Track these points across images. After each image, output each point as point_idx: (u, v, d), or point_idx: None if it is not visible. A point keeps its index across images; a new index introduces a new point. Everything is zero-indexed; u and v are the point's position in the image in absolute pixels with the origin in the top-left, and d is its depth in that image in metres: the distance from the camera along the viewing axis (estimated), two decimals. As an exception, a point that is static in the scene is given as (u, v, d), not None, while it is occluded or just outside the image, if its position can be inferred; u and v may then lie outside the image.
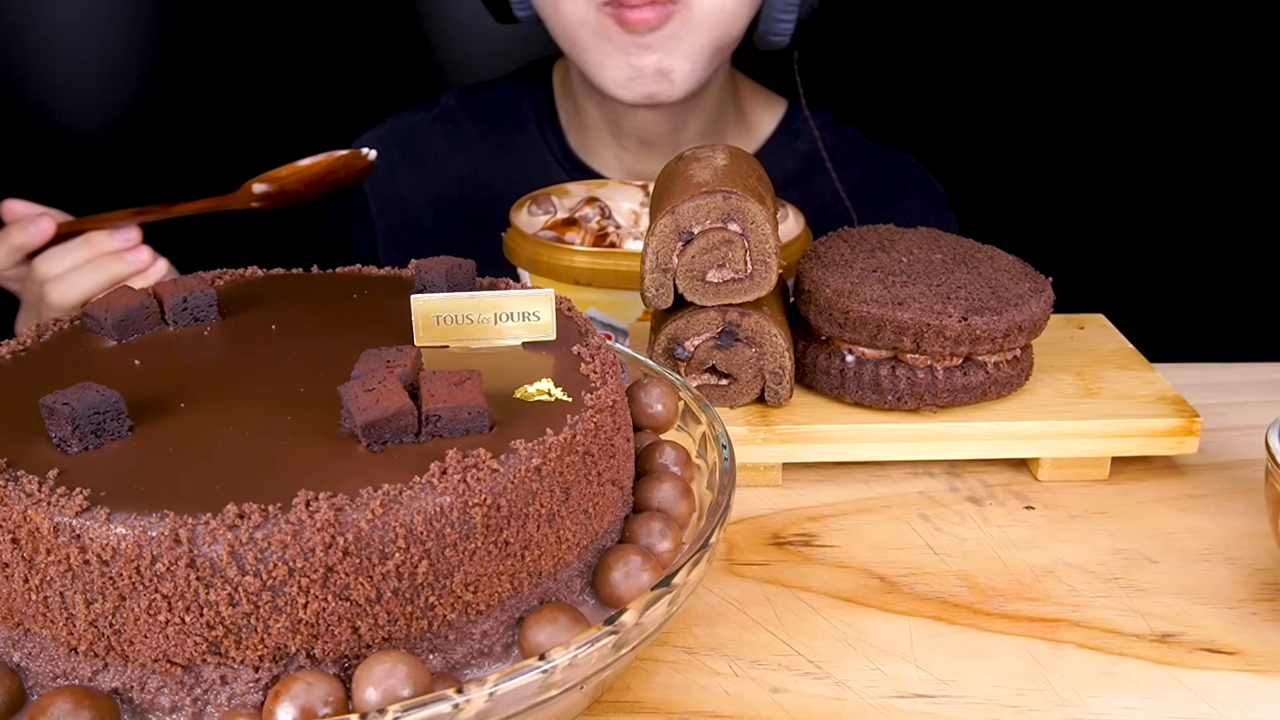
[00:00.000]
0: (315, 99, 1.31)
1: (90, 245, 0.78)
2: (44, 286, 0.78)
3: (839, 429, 0.59)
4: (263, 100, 1.31)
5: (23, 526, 0.35)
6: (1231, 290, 1.42)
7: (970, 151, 1.35)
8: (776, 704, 0.44)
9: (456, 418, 0.38)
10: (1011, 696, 0.45)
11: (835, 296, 0.59)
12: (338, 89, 1.31)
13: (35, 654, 0.36)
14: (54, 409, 0.37)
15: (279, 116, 1.30)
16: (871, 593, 0.51)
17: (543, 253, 0.72)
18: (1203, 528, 0.56)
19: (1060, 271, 0.63)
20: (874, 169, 1.02)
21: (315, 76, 1.31)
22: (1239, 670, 0.46)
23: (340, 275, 0.52)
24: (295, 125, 1.30)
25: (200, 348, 0.45)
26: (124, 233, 0.78)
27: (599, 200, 0.78)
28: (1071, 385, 0.63)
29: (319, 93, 1.31)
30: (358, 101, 1.28)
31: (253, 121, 1.30)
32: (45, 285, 0.78)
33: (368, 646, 0.36)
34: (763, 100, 1.04)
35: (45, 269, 0.78)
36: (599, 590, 0.41)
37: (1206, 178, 1.38)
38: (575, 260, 0.71)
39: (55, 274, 0.77)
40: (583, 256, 0.71)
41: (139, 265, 0.78)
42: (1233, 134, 1.36)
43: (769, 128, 1.02)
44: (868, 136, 1.05)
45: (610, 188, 0.81)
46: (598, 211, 0.76)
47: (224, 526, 0.33)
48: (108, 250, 0.78)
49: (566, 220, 0.76)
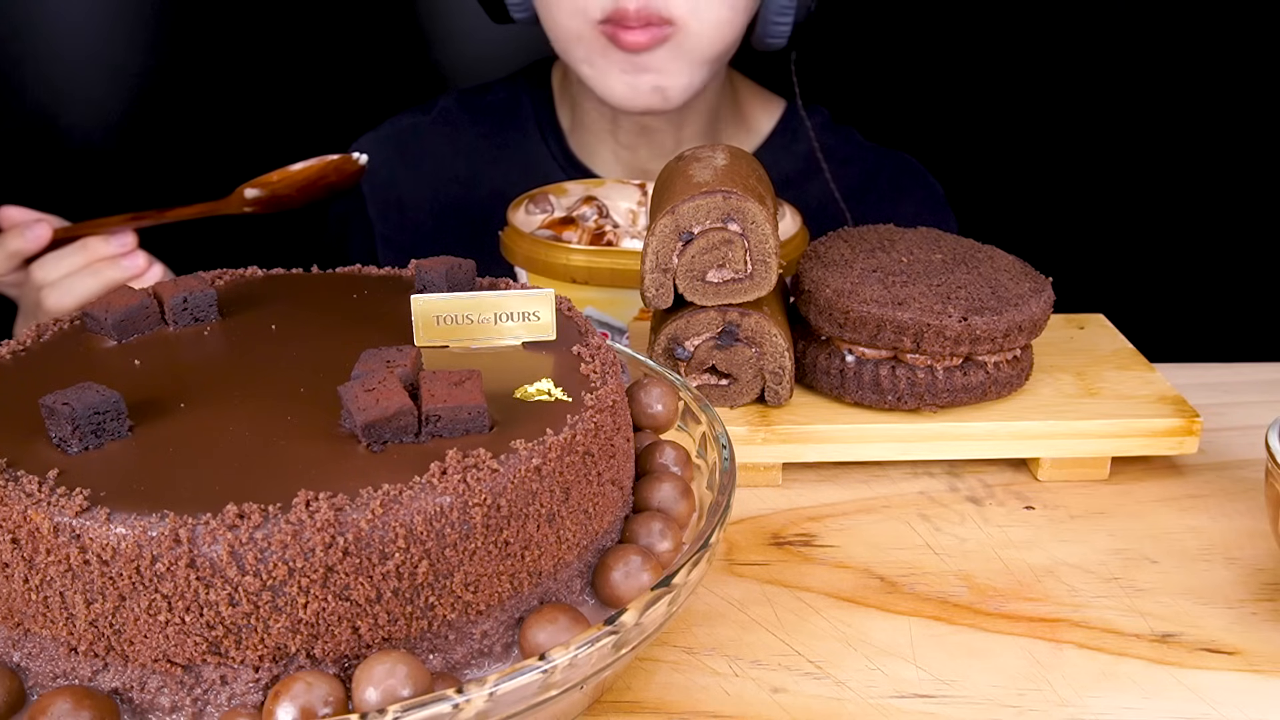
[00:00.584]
0: (314, 100, 1.31)
1: (86, 251, 0.78)
2: (41, 292, 0.78)
3: (839, 429, 0.59)
4: (261, 101, 1.31)
5: (23, 526, 0.35)
6: (1231, 290, 1.42)
7: (970, 152, 1.35)
8: (776, 704, 0.44)
9: (456, 418, 0.38)
10: (1011, 696, 0.45)
11: (835, 296, 0.59)
12: (336, 90, 1.31)
13: (35, 654, 0.36)
14: (54, 409, 0.37)
15: (278, 117, 1.30)
16: (871, 593, 0.51)
17: (539, 251, 0.72)
18: (1203, 528, 0.56)
19: (1060, 271, 0.63)
20: (872, 169, 1.02)
21: (314, 77, 1.31)
22: (1239, 670, 0.46)
23: (340, 275, 0.52)
24: (294, 126, 1.30)
25: (200, 348, 0.45)
26: (120, 238, 0.79)
27: (596, 199, 0.78)
28: (1071, 385, 0.63)
29: (318, 93, 1.31)
30: (356, 102, 1.28)
31: (251, 122, 1.30)
32: (42, 291, 0.78)
33: (368, 646, 0.36)
34: (761, 100, 1.04)
35: (42, 275, 0.78)
36: (599, 590, 0.41)
37: (1206, 178, 1.38)
38: (572, 259, 0.71)
39: (52, 279, 0.78)
40: (579, 255, 0.71)
41: (134, 270, 0.79)
42: (1233, 134, 1.36)
43: (767, 127, 1.03)
44: (866, 137, 1.05)
45: (608, 186, 0.81)
46: (595, 210, 0.76)
47: (224, 526, 0.33)
48: (103, 255, 0.78)
49: (564, 219, 0.76)
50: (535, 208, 0.78)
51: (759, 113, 1.03)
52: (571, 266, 0.71)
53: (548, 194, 0.79)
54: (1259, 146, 1.36)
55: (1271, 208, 1.38)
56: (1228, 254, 1.41)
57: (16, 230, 0.79)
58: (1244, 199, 1.39)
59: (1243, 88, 1.34)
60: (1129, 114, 1.37)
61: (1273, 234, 1.39)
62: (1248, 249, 1.40)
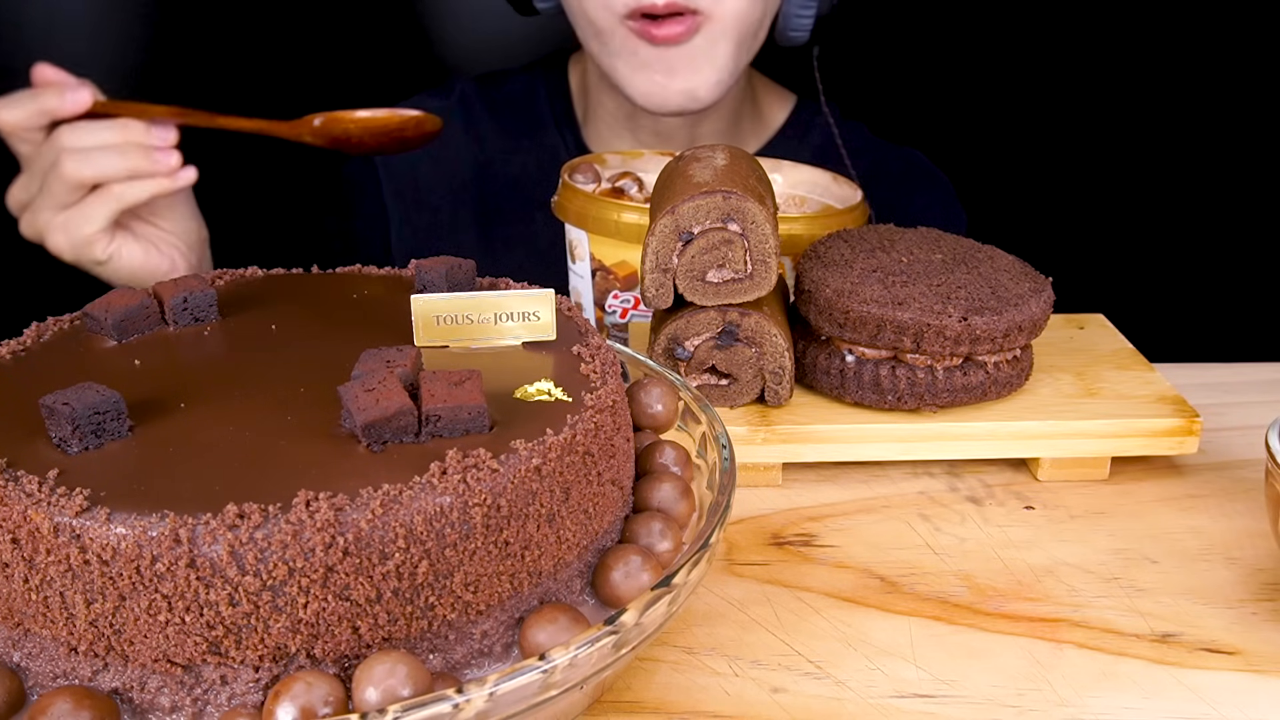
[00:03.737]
0: (318, 92, 1.31)
1: (123, 130, 0.73)
2: (61, 154, 0.73)
3: (839, 429, 0.59)
4: (262, 96, 1.30)
5: (23, 526, 0.35)
6: (1231, 290, 1.42)
7: (970, 152, 1.35)
8: (776, 704, 0.44)
9: (456, 418, 0.38)
10: (1011, 696, 0.45)
11: (835, 296, 0.59)
12: (338, 86, 1.31)
13: (35, 654, 0.36)
14: (54, 409, 0.37)
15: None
16: (871, 593, 0.51)
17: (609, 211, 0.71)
18: (1203, 528, 0.56)
19: (1060, 271, 0.63)
20: (881, 164, 1.02)
21: (315, 71, 1.31)
22: (1239, 670, 0.46)
23: (340, 275, 0.52)
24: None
25: (200, 348, 0.45)
26: (161, 131, 0.74)
27: (632, 173, 0.78)
28: (1071, 385, 0.63)
29: (318, 89, 1.31)
30: (359, 98, 1.27)
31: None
32: (63, 154, 0.73)
33: (368, 646, 0.36)
34: (774, 94, 1.04)
35: (70, 139, 0.73)
36: (599, 590, 0.41)
37: (1206, 178, 1.38)
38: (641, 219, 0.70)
39: (78, 146, 0.72)
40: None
41: (165, 167, 0.74)
42: (1233, 134, 1.36)
43: (779, 121, 1.03)
44: (874, 134, 1.05)
45: (646, 158, 0.81)
46: (635, 184, 0.77)
47: (224, 526, 0.33)
48: (139, 141, 0.73)
49: (613, 190, 0.76)
50: (581, 177, 0.77)
51: (772, 107, 1.04)
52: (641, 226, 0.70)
53: (591, 163, 0.79)
54: (1259, 146, 1.36)
55: (1271, 208, 1.38)
56: (1228, 254, 1.41)
57: (55, 89, 0.73)
58: (1244, 199, 1.39)
59: (1243, 88, 1.34)
60: (1130, 114, 1.37)
61: (1273, 234, 1.39)
62: (1248, 249, 1.40)
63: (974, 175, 1.30)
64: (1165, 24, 1.33)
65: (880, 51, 1.35)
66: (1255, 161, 1.36)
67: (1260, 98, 1.34)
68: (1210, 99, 1.35)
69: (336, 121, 0.75)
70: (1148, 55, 1.34)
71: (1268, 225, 1.38)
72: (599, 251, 0.73)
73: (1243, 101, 1.35)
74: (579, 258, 0.75)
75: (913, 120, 1.32)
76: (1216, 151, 1.37)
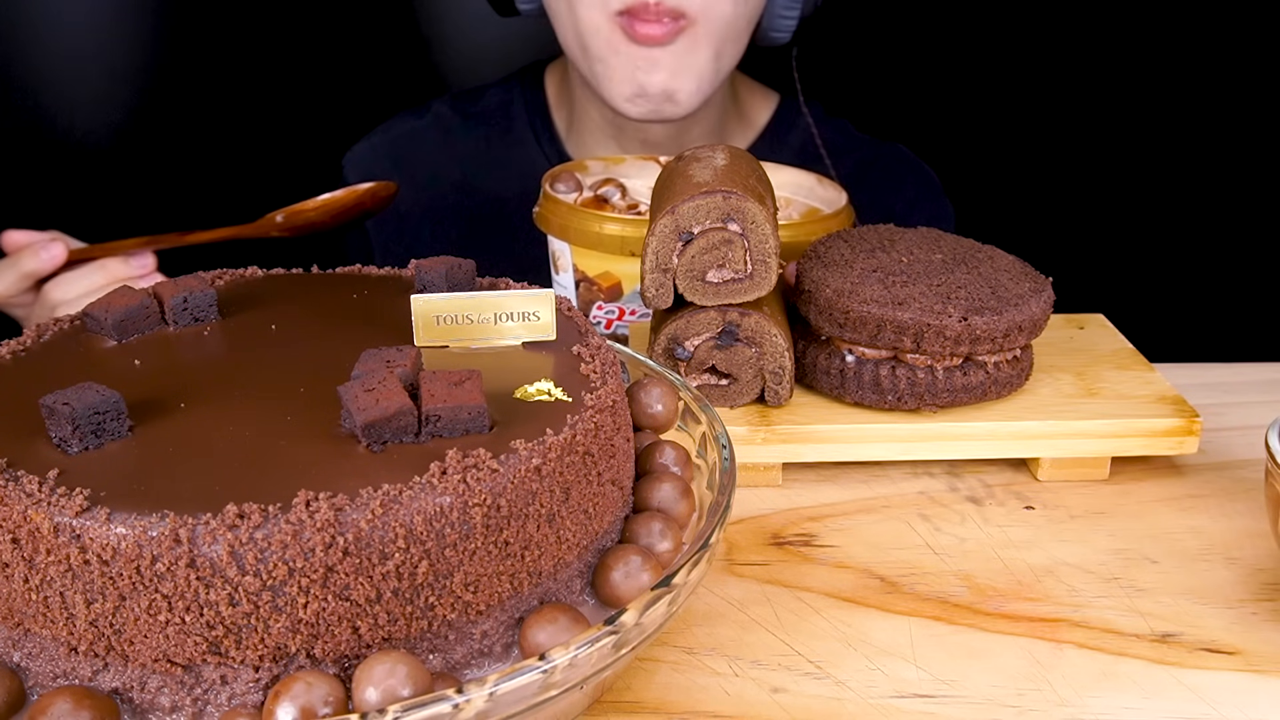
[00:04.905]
0: (314, 97, 1.31)
1: (105, 271, 0.77)
2: (56, 312, 0.77)
3: (839, 429, 0.59)
4: (261, 99, 1.31)
5: (23, 526, 0.35)
6: (1231, 290, 1.42)
7: (969, 152, 1.35)
8: (776, 704, 0.44)
9: (456, 418, 0.38)
10: (1011, 696, 0.45)
11: (835, 296, 0.59)
12: (335, 88, 1.31)
13: (35, 654, 0.36)
14: (54, 409, 0.37)
15: (278, 116, 1.30)
16: (871, 593, 0.51)
17: (590, 223, 0.71)
18: (1203, 528, 0.56)
19: (1060, 271, 0.63)
20: (867, 160, 1.02)
21: (314, 75, 1.31)
22: (1239, 670, 0.46)
23: (340, 275, 0.52)
24: (295, 125, 1.30)
25: (200, 348, 0.45)
26: (139, 259, 0.77)
27: (614, 179, 0.78)
28: (1071, 385, 0.63)
29: (317, 92, 1.31)
30: (355, 101, 1.28)
31: (252, 121, 1.30)
32: (57, 310, 0.77)
33: (368, 646, 0.36)
34: (757, 94, 1.04)
35: (59, 294, 0.76)
36: (599, 590, 0.41)
37: (1206, 178, 1.38)
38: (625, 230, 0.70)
39: (69, 299, 0.76)
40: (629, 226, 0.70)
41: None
42: (1233, 134, 1.36)
43: (762, 121, 1.03)
44: (858, 130, 1.05)
45: (627, 164, 0.81)
46: (617, 190, 0.76)
47: (224, 526, 0.33)
48: (122, 277, 0.77)
49: (596, 199, 0.76)
50: (563, 186, 0.77)
51: (755, 107, 1.04)
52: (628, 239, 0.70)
53: (572, 171, 0.79)
54: (1259, 147, 1.36)
55: (1271, 208, 1.38)
56: (1228, 254, 1.41)
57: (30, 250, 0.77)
58: (1244, 199, 1.39)
59: (1243, 88, 1.34)
60: (1129, 113, 1.37)
61: (1273, 234, 1.39)
62: (1248, 249, 1.40)
63: (973, 176, 1.30)
64: (1162, 24, 1.33)
65: (870, 49, 1.35)
66: (1255, 161, 1.36)
67: (1260, 97, 1.34)
68: (1210, 99, 1.35)
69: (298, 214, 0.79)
70: (1146, 54, 1.34)
71: (1268, 225, 1.38)
72: (582, 263, 0.72)
73: (1242, 101, 1.35)
74: (562, 269, 0.74)
75: (905, 119, 1.32)
76: (1216, 151, 1.37)
